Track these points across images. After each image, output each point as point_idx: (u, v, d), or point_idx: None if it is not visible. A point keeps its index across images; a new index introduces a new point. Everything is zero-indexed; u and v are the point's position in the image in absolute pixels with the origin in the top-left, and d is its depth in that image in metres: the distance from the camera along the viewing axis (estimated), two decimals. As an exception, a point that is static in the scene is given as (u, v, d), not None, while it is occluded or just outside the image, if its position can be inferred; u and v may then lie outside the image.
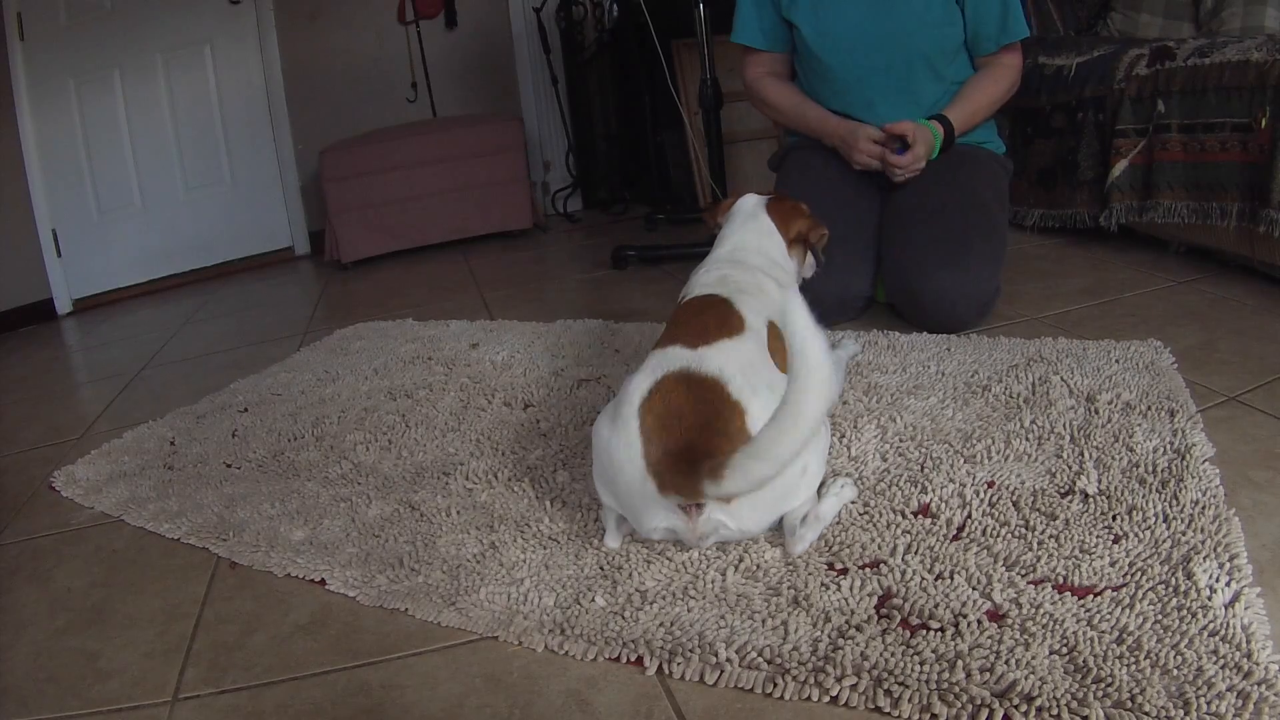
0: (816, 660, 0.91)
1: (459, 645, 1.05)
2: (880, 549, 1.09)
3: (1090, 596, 0.95)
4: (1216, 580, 0.94)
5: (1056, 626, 0.91)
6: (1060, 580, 0.98)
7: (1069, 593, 0.96)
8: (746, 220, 1.49)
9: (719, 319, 1.20)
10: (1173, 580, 0.95)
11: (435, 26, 4.26)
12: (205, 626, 1.16)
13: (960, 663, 0.87)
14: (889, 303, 1.98)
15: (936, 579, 1.01)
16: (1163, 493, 1.11)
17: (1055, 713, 0.80)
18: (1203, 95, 1.93)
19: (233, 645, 1.11)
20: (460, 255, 3.61)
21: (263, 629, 1.14)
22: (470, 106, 4.37)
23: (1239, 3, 2.45)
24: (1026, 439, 1.30)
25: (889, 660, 0.89)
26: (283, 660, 1.07)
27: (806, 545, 1.10)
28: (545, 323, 2.28)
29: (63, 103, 3.70)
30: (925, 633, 0.93)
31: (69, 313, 3.74)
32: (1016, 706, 0.81)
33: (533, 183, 4.01)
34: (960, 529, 1.11)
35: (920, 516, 1.15)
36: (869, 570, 1.05)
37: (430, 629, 1.08)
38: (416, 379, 1.97)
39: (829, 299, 1.81)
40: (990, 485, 1.19)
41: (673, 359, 1.11)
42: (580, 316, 2.29)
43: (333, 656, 1.06)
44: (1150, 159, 2.09)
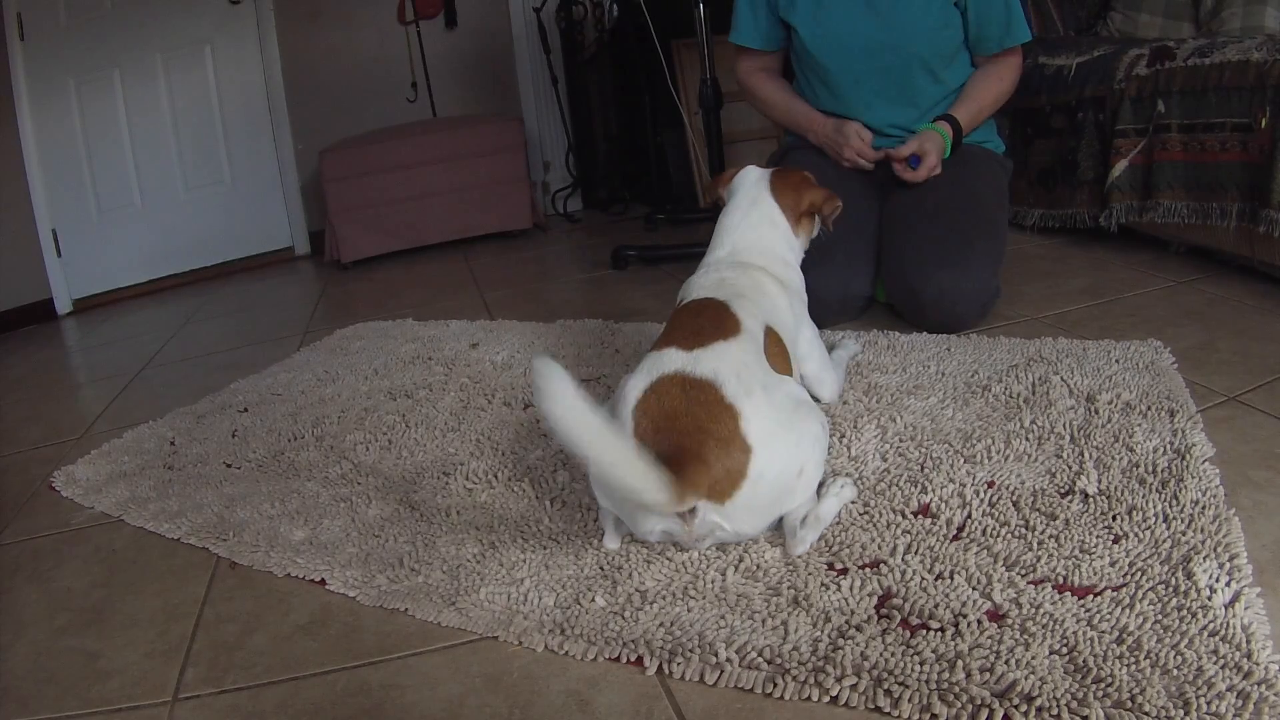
0: (816, 660, 0.91)
1: (459, 645, 1.05)
2: (880, 549, 1.09)
3: (1090, 596, 0.95)
4: (1216, 580, 0.94)
5: (1056, 626, 0.91)
6: (1060, 580, 0.98)
7: (1069, 593, 0.96)
8: (748, 210, 1.46)
9: (715, 322, 1.20)
10: (1173, 580, 0.95)
11: (435, 26, 4.26)
12: (205, 626, 1.16)
13: (960, 663, 0.87)
14: (889, 303, 1.98)
15: (936, 579, 1.01)
16: (1163, 493, 1.11)
17: (1055, 713, 0.80)
18: (1203, 95, 1.93)
19: (233, 645, 1.11)
20: (460, 255, 3.61)
21: (263, 629, 1.14)
22: (470, 106, 4.37)
23: (1239, 3, 2.45)
24: (1026, 439, 1.30)
25: (889, 660, 0.89)
26: (283, 660, 1.07)
27: (807, 546, 1.10)
28: (545, 323, 2.27)
29: (63, 103, 3.70)
30: (925, 633, 0.93)
31: (69, 313, 3.74)
32: (1016, 706, 0.81)
33: (533, 183, 4.01)
34: (960, 529, 1.11)
35: (920, 516, 1.15)
36: (869, 570, 1.05)
37: (430, 629, 1.08)
38: (416, 379, 1.97)
39: (829, 299, 1.81)
40: (990, 485, 1.19)
41: (668, 361, 1.12)
42: (580, 316, 2.29)
43: (333, 656, 1.06)
44: (1150, 159, 2.09)
